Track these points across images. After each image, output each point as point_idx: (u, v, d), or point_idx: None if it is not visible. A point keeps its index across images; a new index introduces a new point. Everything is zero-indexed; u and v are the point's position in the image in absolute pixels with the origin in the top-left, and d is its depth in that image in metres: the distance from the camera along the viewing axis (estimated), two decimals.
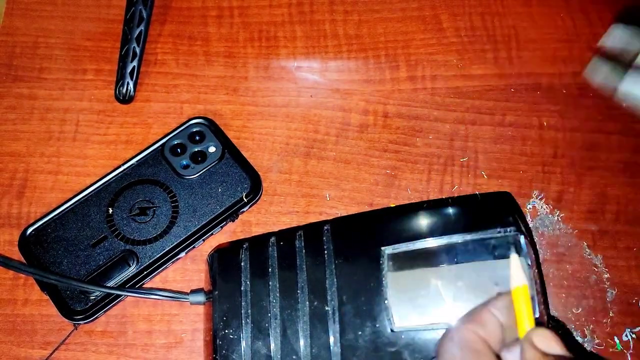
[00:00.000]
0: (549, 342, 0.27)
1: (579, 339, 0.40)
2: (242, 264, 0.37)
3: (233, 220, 0.43)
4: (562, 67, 0.48)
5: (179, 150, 0.45)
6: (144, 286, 0.42)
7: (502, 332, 0.29)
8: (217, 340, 0.36)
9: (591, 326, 0.41)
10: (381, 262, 0.36)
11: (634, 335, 0.40)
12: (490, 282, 0.34)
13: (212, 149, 0.45)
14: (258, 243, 0.38)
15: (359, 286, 0.36)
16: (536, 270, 0.35)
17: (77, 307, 0.40)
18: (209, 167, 0.44)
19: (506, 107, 0.47)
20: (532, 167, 0.45)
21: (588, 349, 0.40)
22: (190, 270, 0.43)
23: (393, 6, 0.51)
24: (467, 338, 0.29)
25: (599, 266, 0.42)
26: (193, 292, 0.39)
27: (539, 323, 0.29)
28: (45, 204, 0.44)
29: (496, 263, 0.34)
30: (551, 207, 0.44)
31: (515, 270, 0.30)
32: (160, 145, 0.45)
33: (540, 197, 0.44)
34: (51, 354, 0.40)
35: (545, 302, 0.37)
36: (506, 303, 0.30)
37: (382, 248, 0.36)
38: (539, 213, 0.44)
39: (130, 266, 0.41)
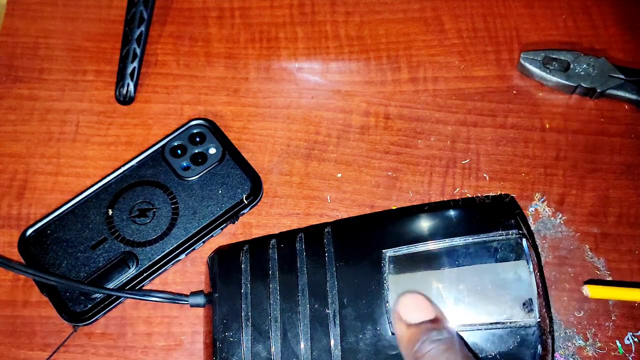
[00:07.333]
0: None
1: (581, 342, 0.40)
2: (243, 266, 0.37)
3: (233, 222, 0.43)
4: None
5: (179, 151, 0.45)
6: (143, 288, 0.42)
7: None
8: (217, 343, 0.35)
9: (593, 329, 0.40)
10: (382, 264, 0.36)
11: (636, 339, 0.40)
12: (492, 285, 0.34)
13: (212, 151, 0.44)
14: (258, 245, 0.38)
15: (360, 289, 0.35)
16: (538, 273, 0.35)
17: (76, 308, 0.40)
18: (210, 168, 0.44)
19: (508, 109, 0.47)
20: (534, 169, 0.45)
21: (590, 352, 0.40)
22: (190, 272, 0.42)
23: (394, 7, 0.51)
24: None
25: (602, 269, 0.42)
26: (193, 294, 0.39)
27: None
28: (45, 205, 0.44)
29: (498, 266, 0.34)
30: (553, 210, 0.44)
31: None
32: (161, 147, 0.45)
33: (542, 199, 0.44)
34: (50, 355, 0.40)
35: (547, 305, 0.37)
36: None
37: (384, 251, 0.36)
38: (541, 216, 0.43)
39: (130, 268, 0.41)
